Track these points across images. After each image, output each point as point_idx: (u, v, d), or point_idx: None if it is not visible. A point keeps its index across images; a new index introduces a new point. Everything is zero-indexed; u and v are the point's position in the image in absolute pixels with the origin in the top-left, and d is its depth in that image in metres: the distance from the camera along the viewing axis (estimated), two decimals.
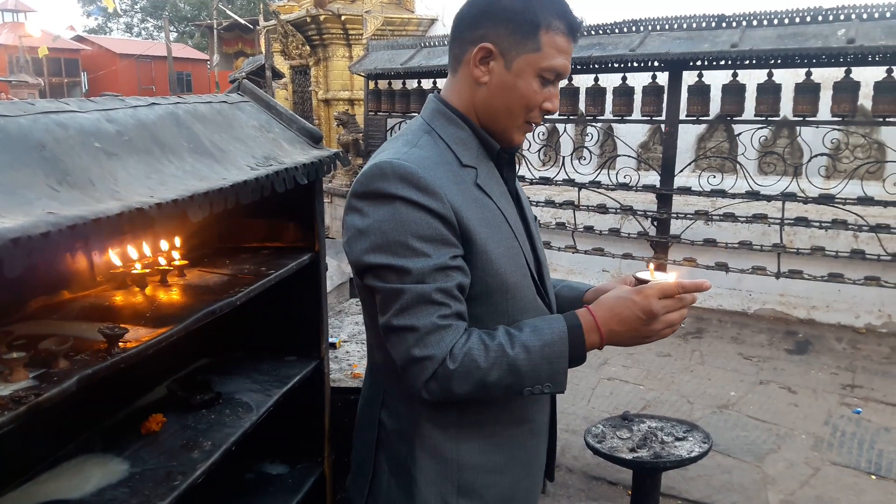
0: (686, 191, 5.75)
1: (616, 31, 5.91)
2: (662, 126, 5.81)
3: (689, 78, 5.56)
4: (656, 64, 5.64)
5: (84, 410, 1.64)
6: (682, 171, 5.85)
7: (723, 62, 5.32)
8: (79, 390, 1.15)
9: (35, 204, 1.01)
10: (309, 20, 9.66)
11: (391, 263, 1.26)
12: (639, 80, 5.79)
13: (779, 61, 5.08)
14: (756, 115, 5.30)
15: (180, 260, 1.81)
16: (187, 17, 40.55)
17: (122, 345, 1.28)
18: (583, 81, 6.12)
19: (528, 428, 1.51)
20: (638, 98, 5.79)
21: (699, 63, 5.43)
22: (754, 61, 5.16)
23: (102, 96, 1.48)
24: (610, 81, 5.98)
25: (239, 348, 2.15)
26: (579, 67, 5.76)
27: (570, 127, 6.75)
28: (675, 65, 5.52)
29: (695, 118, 5.60)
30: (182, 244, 1.90)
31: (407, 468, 1.43)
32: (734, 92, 5.35)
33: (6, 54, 25.14)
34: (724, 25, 5.36)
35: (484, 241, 1.33)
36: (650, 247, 6.03)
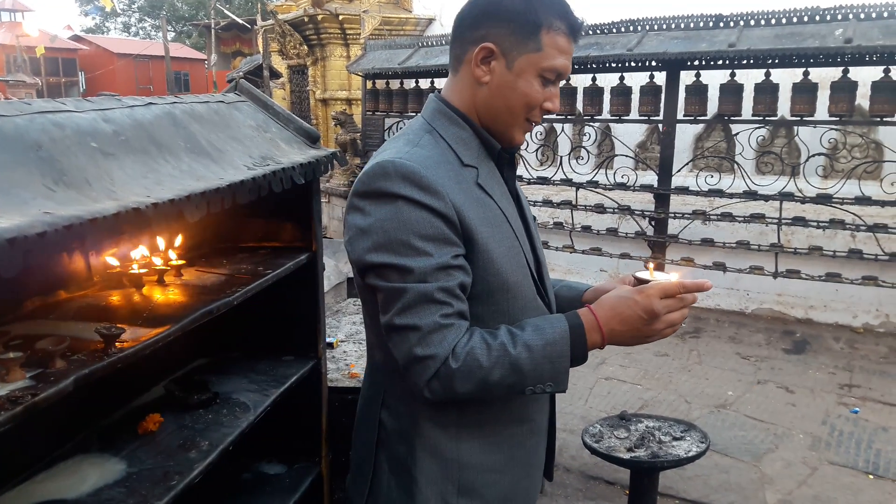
0: (684, 191, 5.76)
1: (614, 31, 5.92)
2: (660, 126, 5.81)
3: (687, 78, 5.56)
4: (654, 64, 5.65)
5: (81, 410, 1.64)
6: (680, 171, 5.86)
7: (720, 62, 5.32)
8: (76, 390, 1.15)
9: (31, 204, 1.01)
10: (307, 20, 9.66)
11: (393, 262, 1.26)
12: (636, 80, 5.80)
13: (776, 61, 5.08)
14: (754, 115, 5.31)
15: (177, 260, 1.81)
16: (185, 17, 40.55)
17: (119, 345, 1.28)
18: (580, 81, 6.12)
19: (528, 427, 1.51)
20: (636, 98, 5.79)
21: (697, 63, 5.44)
22: (752, 61, 5.17)
23: (99, 96, 1.48)
24: (607, 81, 5.98)
25: (236, 348, 2.15)
26: (577, 67, 5.76)
27: (568, 127, 6.76)
28: (673, 64, 5.53)
29: (692, 118, 5.61)
30: (179, 244, 1.90)
31: (407, 468, 1.43)
32: (732, 92, 5.35)
33: (3, 54, 25.10)
34: (722, 25, 5.36)
35: (485, 241, 1.33)
36: (648, 246, 6.03)
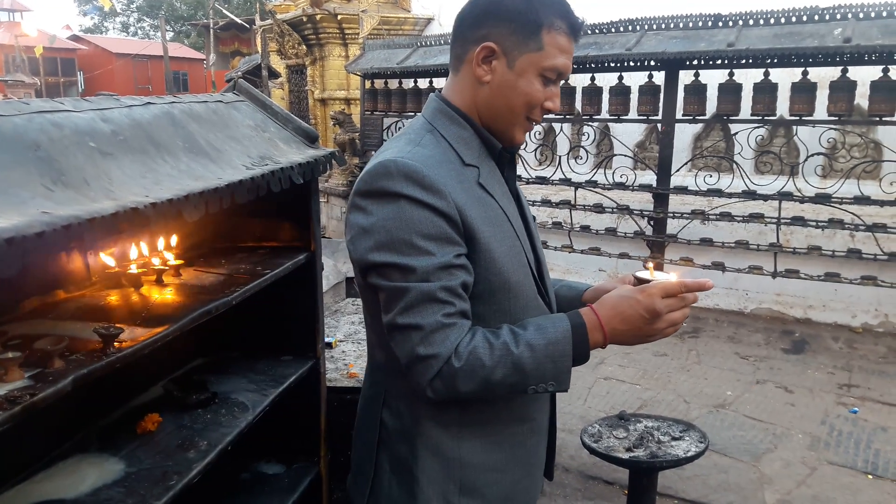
0: (682, 190, 5.76)
1: (612, 31, 5.92)
2: (659, 125, 5.82)
3: (686, 77, 5.56)
4: (653, 63, 5.65)
5: (80, 410, 1.64)
6: (679, 171, 5.86)
7: (719, 61, 5.32)
8: (74, 390, 1.15)
9: (30, 203, 1.01)
10: (305, 19, 9.65)
11: (396, 262, 1.26)
12: (635, 80, 5.79)
13: (775, 60, 5.08)
14: (752, 115, 5.31)
15: (176, 259, 1.81)
16: (184, 17, 40.53)
17: (118, 344, 1.28)
18: (579, 81, 6.11)
19: (529, 426, 1.51)
20: (634, 97, 5.79)
21: (695, 62, 5.44)
22: (751, 60, 5.17)
23: (98, 96, 1.48)
24: (606, 81, 5.98)
25: (235, 348, 2.14)
26: (576, 67, 5.74)
27: (567, 126, 6.76)
28: (672, 64, 5.53)
29: (691, 117, 5.61)
30: (178, 244, 1.90)
31: (409, 467, 1.43)
32: (730, 91, 5.35)
33: (2, 54, 25.06)
34: (721, 25, 5.36)
35: (487, 240, 1.33)
36: (647, 246, 6.03)
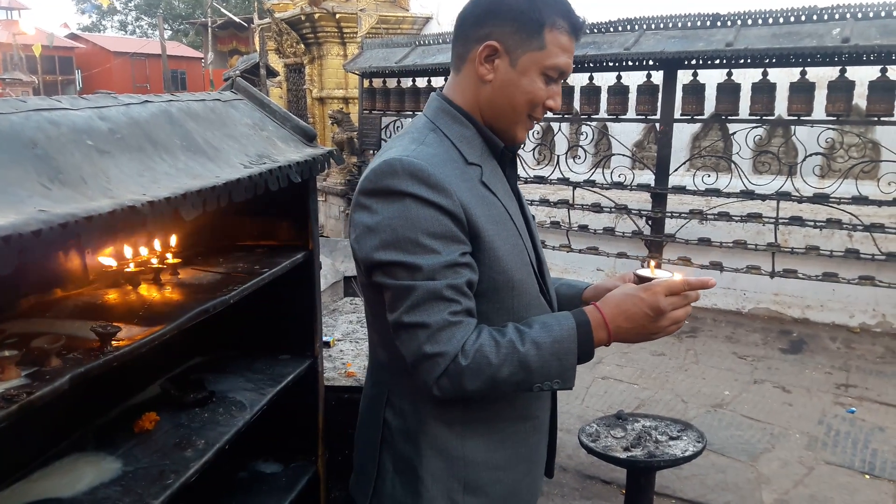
0: (681, 190, 5.76)
1: (611, 30, 5.91)
2: (657, 125, 5.81)
3: (684, 77, 5.56)
4: (651, 63, 5.64)
5: (77, 409, 1.64)
6: (677, 171, 5.86)
7: (717, 61, 5.32)
8: (71, 389, 1.15)
9: (27, 202, 1.01)
10: (303, 18, 9.63)
11: (401, 260, 1.26)
12: (634, 80, 5.79)
13: (774, 60, 5.08)
14: (751, 115, 5.31)
15: (173, 258, 1.81)
16: (182, 15, 40.48)
17: (115, 343, 1.27)
18: (577, 80, 6.11)
19: (532, 424, 1.52)
20: (633, 97, 5.79)
21: (694, 62, 5.43)
22: (749, 60, 5.17)
23: (96, 94, 1.47)
24: (605, 80, 5.97)
25: (233, 347, 2.14)
26: (574, 66, 5.66)
27: (565, 126, 6.75)
28: (670, 64, 5.52)
29: (689, 117, 5.61)
30: (175, 242, 1.90)
31: (413, 467, 1.43)
32: (729, 91, 5.35)
33: (0, 52, 25.03)
34: (719, 24, 5.36)
35: (491, 239, 1.34)
36: (645, 246, 6.03)
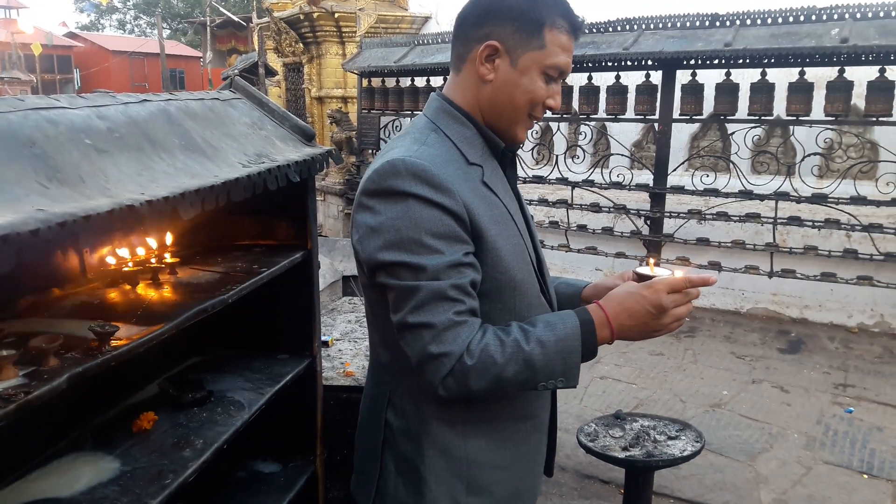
0: (679, 190, 5.76)
1: (610, 30, 5.91)
2: (656, 125, 5.81)
3: (683, 77, 5.56)
4: (650, 63, 5.65)
5: (75, 408, 1.64)
6: (676, 170, 5.86)
7: (716, 61, 5.32)
8: (69, 388, 1.14)
9: (24, 201, 1.00)
10: (302, 17, 9.63)
11: (406, 261, 1.26)
12: (632, 79, 5.79)
13: (772, 60, 5.08)
14: (749, 115, 5.31)
15: (172, 257, 1.80)
16: (180, 14, 40.47)
17: (113, 343, 1.27)
18: (576, 80, 6.12)
19: (533, 423, 1.52)
20: (631, 97, 5.79)
21: (693, 62, 5.44)
22: (748, 60, 5.17)
23: (94, 93, 1.47)
24: (603, 80, 5.97)
25: (231, 346, 2.14)
26: (573, 66, 5.72)
27: (564, 125, 6.76)
28: (669, 63, 5.53)
29: (688, 117, 5.61)
30: (174, 242, 1.89)
31: (415, 467, 1.43)
32: (727, 91, 5.36)
33: None
34: (718, 24, 5.37)
35: (494, 239, 1.34)
36: (643, 246, 6.03)
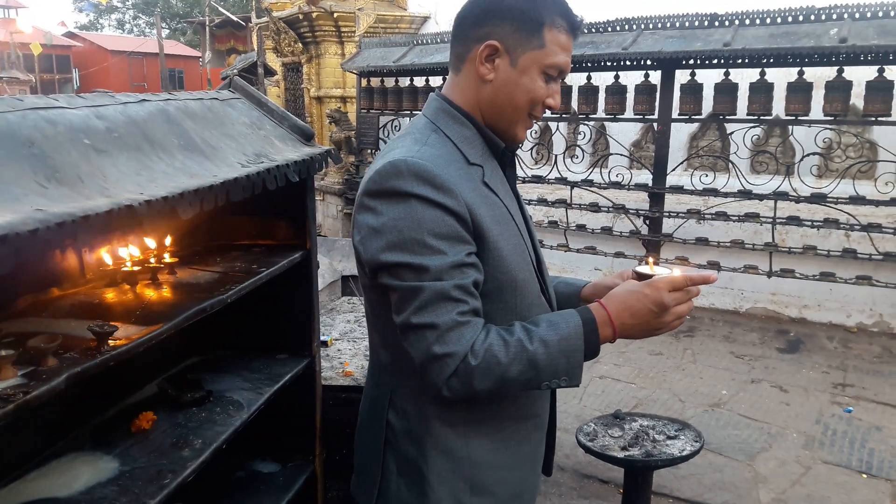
0: (678, 189, 5.76)
1: (609, 30, 5.92)
2: (655, 125, 5.82)
3: (682, 77, 5.57)
4: (649, 63, 5.65)
5: (74, 408, 1.63)
6: (675, 170, 5.87)
7: (715, 61, 5.33)
8: (68, 388, 1.14)
9: (23, 201, 1.00)
10: (301, 17, 9.62)
11: (408, 261, 1.26)
12: (631, 79, 5.80)
13: (771, 60, 5.09)
14: (748, 114, 5.32)
15: (171, 257, 1.80)
16: (179, 14, 40.46)
17: (112, 343, 1.27)
18: (575, 80, 6.12)
19: (534, 423, 1.52)
20: (630, 97, 5.79)
21: (692, 62, 5.44)
22: (747, 60, 5.17)
23: (93, 93, 1.47)
24: (602, 80, 5.98)
25: (230, 346, 2.14)
26: (572, 66, 5.72)
27: (563, 125, 6.76)
28: (668, 63, 5.53)
29: (687, 117, 5.61)
30: (172, 242, 1.89)
31: (418, 468, 1.42)
32: (726, 91, 5.36)
33: None
34: (717, 24, 5.37)
35: (495, 239, 1.34)
36: (642, 245, 6.04)
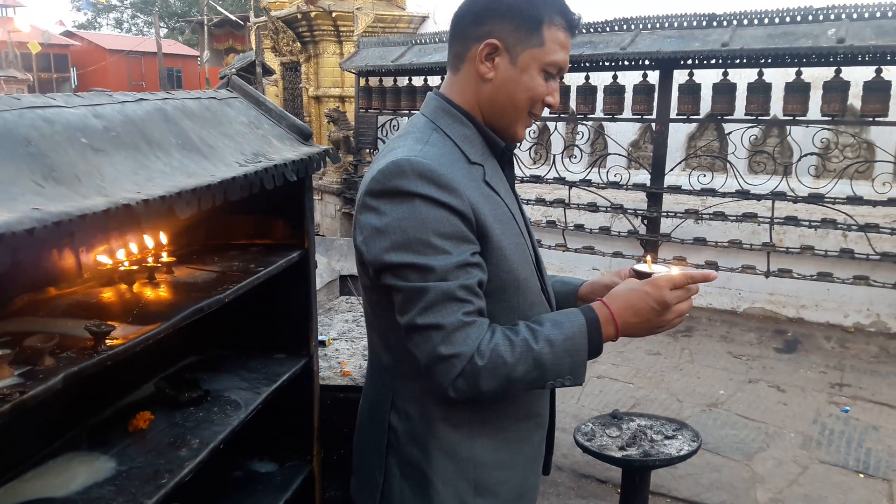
0: (676, 189, 5.77)
1: (607, 30, 5.92)
2: (653, 125, 5.82)
3: (680, 77, 5.57)
4: (647, 63, 5.65)
5: (70, 408, 1.63)
6: (673, 170, 5.87)
7: (713, 61, 5.33)
8: (65, 388, 1.14)
9: (20, 199, 1.00)
10: (300, 17, 9.63)
11: (413, 262, 1.25)
12: (630, 79, 5.80)
13: (769, 60, 5.09)
14: (746, 114, 5.32)
15: (168, 257, 1.80)
16: (177, 13, 40.44)
17: (109, 342, 1.27)
18: (574, 80, 6.12)
19: (535, 422, 1.52)
20: (629, 97, 5.80)
21: (690, 62, 5.45)
22: (745, 60, 5.18)
23: (91, 92, 1.47)
24: (601, 80, 5.98)
25: (227, 346, 2.13)
26: (570, 66, 5.71)
27: (561, 125, 6.76)
28: (666, 63, 5.53)
29: (685, 117, 5.62)
30: (170, 241, 1.89)
31: (421, 470, 1.42)
32: (724, 91, 5.36)
33: None
34: (715, 24, 5.38)
35: (499, 238, 1.34)
36: (640, 245, 6.04)
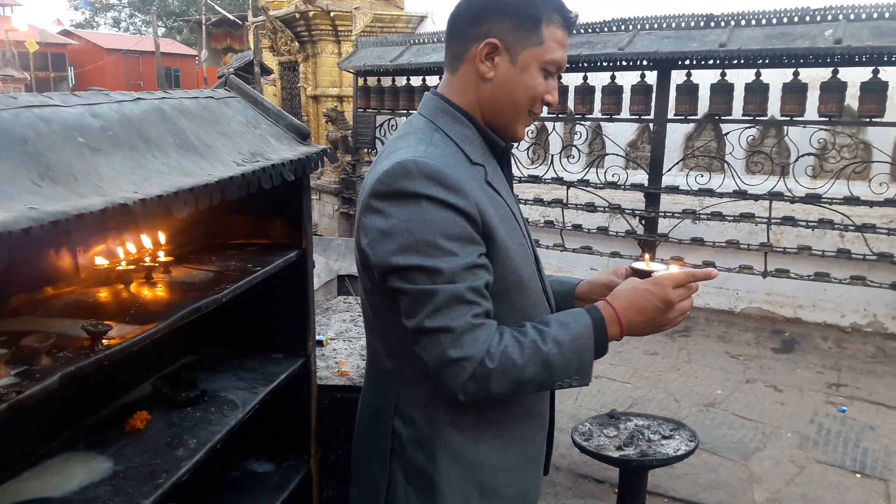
0: (674, 190, 5.77)
1: (605, 30, 5.93)
2: (651, 125, 5.82)
3: (678, 77, 5.58)
4: (645, 63, 5.66)
5: (67, 408, 1.63)
6: (670, 170, 5.88)
7: (711, 61, 5.34)
8: (61, 387, 1.14)
9: (16, 199, 1.00)
10: (298, 16, 9.62)
11: (421, 264, 1.24)
12: (628, 80, 5.81)
13: (767, 61, 5.10)
14: (744, 115, 5.33)
15: (165, 256, 1.80)
16: (175, 13, 40.40)
17: (106, 342, 1.26)
18: (572, 80, 6.12)
19: (538, 422, 1.52)
20: (627, 97, 5.80)
21: (688, 62, 5.45)
22: (742, 61, 5.19)
23: (88, 91, 1.47)
24: (599, 80, 5.99)
25: (225, 346, 2.13)
26: (568, 66, 5.73)
27: (559, 125, 6.76)
28: (664, 64, 5.54)
29: (683, 117, 5.62)
30: (167, 240, 1.89)
31: (427, 476, 1.41)
32: (722, 91, 5.37)
33: None
34: (713, 25, 5.38)
35: (503, 239, 1.33)
36: (638, 245, 6.05)
